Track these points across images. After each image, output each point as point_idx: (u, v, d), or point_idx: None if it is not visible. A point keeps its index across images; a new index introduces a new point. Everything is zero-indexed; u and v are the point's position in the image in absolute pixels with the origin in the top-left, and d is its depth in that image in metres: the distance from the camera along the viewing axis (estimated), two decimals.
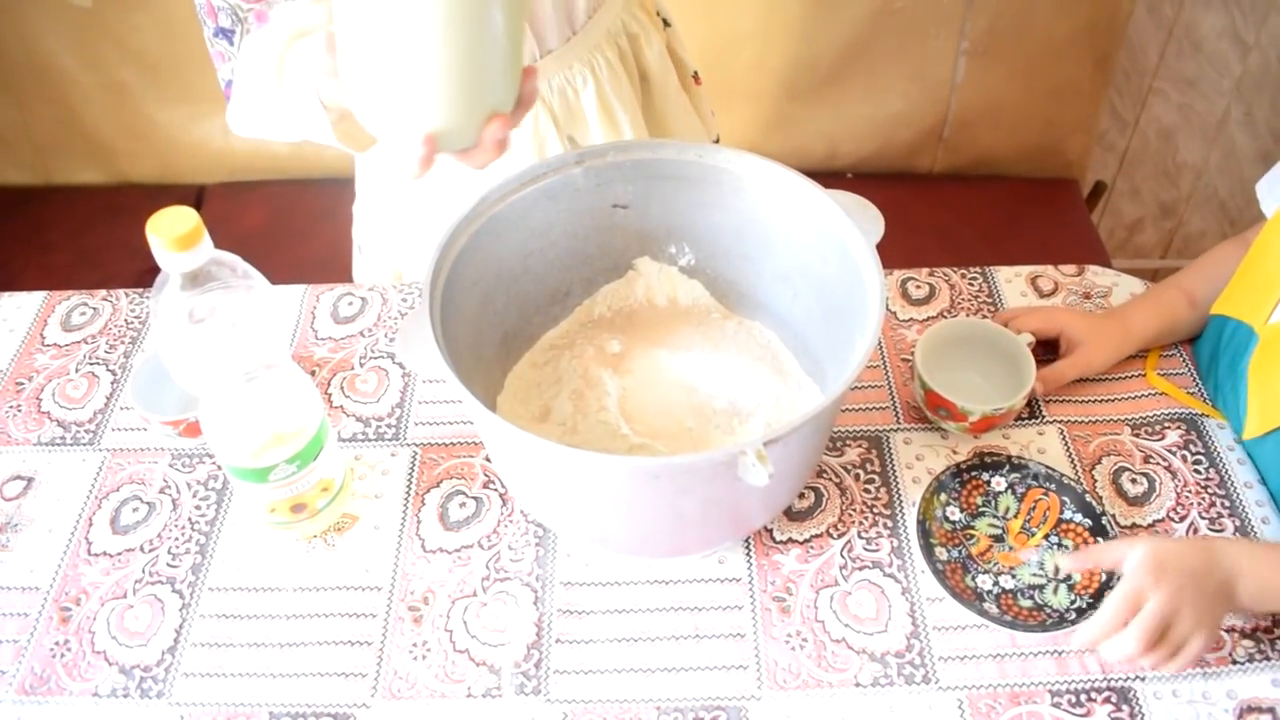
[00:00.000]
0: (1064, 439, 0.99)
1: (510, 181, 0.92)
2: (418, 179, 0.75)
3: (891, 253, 0.88)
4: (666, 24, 1.22)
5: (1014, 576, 0.89)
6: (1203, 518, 0.93)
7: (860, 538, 0.92)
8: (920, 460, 0.98)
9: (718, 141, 1.37)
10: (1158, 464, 0.97)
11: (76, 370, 1.10)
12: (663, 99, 1.21)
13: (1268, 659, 0.83)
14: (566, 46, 1.08)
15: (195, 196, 1.99)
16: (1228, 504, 0.94)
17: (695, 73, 1.29)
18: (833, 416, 0.84)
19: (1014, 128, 1.93)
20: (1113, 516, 0.92)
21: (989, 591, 0.88)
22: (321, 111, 0.86)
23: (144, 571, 0.92)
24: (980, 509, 0.94)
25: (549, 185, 0.94)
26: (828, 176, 2.04)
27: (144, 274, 1.94)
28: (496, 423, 0.74)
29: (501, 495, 0.96)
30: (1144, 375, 1.04)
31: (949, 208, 1.91)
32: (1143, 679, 0.83)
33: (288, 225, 1.85)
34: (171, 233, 0.74)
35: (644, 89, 1.19)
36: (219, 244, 0.80)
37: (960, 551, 0.91)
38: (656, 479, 0.76)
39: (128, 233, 1.97)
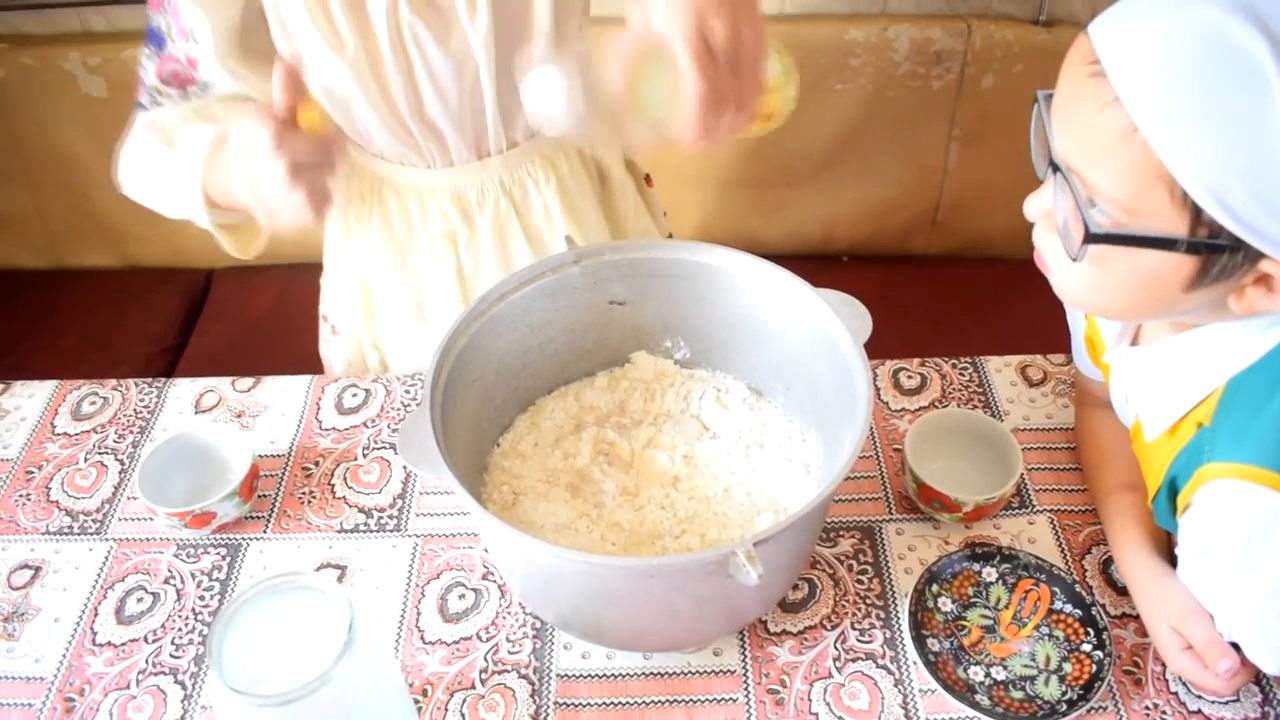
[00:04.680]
0: (1054, 528, 1.01)
1: (510, 281, 0.96)
2: None
3: (885, 334, 0.91)
4: None
5: (1005, 668, 0.90)
6: None
7: (853, 629, 0.93)
8: (912, 551, 0.99)
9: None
10: None
11: (85, 459, 1.12)
12: (622, 199, 1.28)
13: None
14: (530, 143, 1.15)
15: (204, 280, 2.03)
16: None
17: (647, 175, 1.36)
18: (823, 513, 0.86)
19: (1006, 211, 1.94)
20: (1103, 606, 0.93)
21: (981, 683, 0.89)
22: (200, 196, 0.95)
23: (147, 662, 0.93)
24: (972, 599, 0.95)
25: (548, 284, 0.98)
26: (823, 259, 2.09)
27: (152, 357, 1.96)
28: (492, 521, 0.76)
29: (500, 586, 0.98)
30: None
31: (942, 289, 1.94)
32: None
33: (296, 309, 1.89)
34: None
35: (603, 188, 1.26)
36: (227, 328, 0.81)
37: (952, 643, 0.92)
38: (650, 578, 0.78)
39: (138, 315, 2.02)
